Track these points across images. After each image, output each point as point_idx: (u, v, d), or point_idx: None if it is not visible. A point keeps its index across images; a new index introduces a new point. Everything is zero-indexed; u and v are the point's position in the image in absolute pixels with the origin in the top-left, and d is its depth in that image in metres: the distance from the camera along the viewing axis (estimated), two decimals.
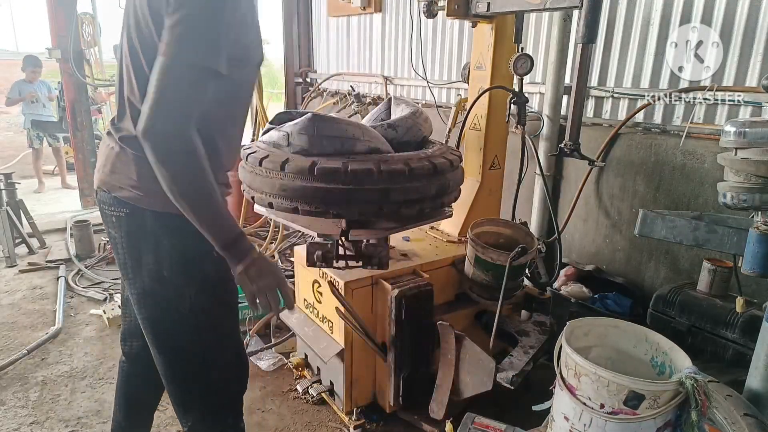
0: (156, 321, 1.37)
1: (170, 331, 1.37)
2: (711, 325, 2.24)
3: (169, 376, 1.43)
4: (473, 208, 2.65)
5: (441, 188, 1.95)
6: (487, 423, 1.85)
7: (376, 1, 4.79)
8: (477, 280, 2.30)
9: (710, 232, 1.72)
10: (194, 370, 1.41)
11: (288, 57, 6.16)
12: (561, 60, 3.10)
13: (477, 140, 2.64)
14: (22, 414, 2.42)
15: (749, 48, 2.45)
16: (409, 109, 2.18)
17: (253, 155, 1.91)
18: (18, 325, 3.20)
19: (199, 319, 1.36)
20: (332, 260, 2.03)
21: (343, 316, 2.09)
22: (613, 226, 3.10)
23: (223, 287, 1.40)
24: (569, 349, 1.50)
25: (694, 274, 2.52)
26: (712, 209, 2.45)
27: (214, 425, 1.48)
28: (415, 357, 2.20)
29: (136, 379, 1.74)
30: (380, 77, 4.89)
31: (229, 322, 1.48)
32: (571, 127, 2.27)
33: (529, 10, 2.18)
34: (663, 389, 1.37)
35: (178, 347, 1.39)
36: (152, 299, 1.35)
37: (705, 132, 2.61)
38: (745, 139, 1.55)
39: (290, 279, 3.41)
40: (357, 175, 1.76)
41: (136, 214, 1.31)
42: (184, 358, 1.40)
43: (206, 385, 1.44)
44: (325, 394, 2.47)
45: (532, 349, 2.26)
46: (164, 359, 1.41)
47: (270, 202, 1.90)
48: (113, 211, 1.33)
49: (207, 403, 1.46)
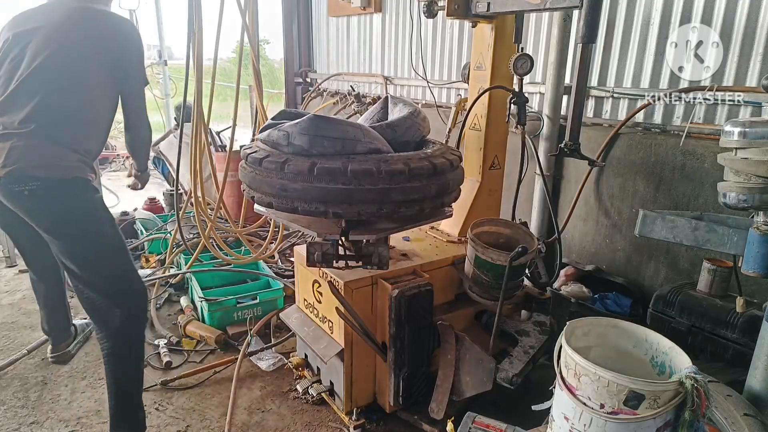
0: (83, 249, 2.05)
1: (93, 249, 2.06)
2: (711, 325, 2.24)
3: (96, 279, 2.05)
4: (473, 208, 2.65)
5: (441, 188, 1.96)
6: (488, 422, 1.84)
7: (376, 1, 4.79)
8: (477, 280, 2.30)
9: (710, 232, 1.72)
10: (114, 269, 2.09)
11: (288, 57, 6.16)
12: (561, 60, 3.10)
13: (477, 140, 2.64)
14: (22, 414, 2.42)
15: (749, 48, 2.45)
16: (407, 109, 2.18)
17: (253, 155, 1.92)
18: (18, 325, 3.20)
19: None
20: (332, 260, 2.03)
21: (343, 316, 2.09)
22: (613, 226, 3.10)
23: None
24: (569, 349, 1.50)
25: (694, 274, 2.52)
26: (712, 209, 2.45)
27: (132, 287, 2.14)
28: (414, 357, 2.20)
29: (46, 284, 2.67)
30: (380, 77, 4.90)
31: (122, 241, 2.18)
32: (571, 127, 2.27)
33: (529, 10, 2.18)
34: (663, 389, 1.37)
35: (100, 257, 2.06)
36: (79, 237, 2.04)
37: (705, 132, 2.61)
38: (745, 139, 1.55)
39: (290, 279, 3.42)
40: (357, 176, 1.76)
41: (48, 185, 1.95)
42: (107, 265, 2.07)
43: (122, 271, 2.12)
44: (325, 394, 2.47)
45: (532, 349, 2.27)
46: (92, 270, 2.04)
47: (270, 202, 1.90)
48: (23, 187, 1.92)
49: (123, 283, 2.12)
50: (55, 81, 2.02)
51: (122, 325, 2.07)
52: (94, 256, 2.04)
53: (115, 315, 2.05)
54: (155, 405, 2.49)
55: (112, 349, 2.08)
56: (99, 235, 2.05)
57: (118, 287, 2.09)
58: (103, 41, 2.11)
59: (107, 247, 2.07)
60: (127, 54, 2.19)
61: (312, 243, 2.02)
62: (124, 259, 2.13)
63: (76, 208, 2.02)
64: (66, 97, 2.03)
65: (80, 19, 2.10)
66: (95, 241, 2.04)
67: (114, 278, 2.08)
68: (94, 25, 2.12)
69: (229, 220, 3.84)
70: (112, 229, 2.10)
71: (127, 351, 2.11)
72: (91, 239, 2.04)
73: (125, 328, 2.09)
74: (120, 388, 2.10)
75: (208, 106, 3.27)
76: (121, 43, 2.16)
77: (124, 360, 2.11)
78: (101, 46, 2.11)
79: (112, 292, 2.07)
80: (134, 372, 2.15)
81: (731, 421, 1.51)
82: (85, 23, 2.10)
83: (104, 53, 2.11)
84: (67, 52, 2.05)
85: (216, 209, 3.74)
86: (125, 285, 2.11)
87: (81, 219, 2.03)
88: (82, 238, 2.02)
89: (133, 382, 2.15)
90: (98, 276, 2.05)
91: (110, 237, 2.08)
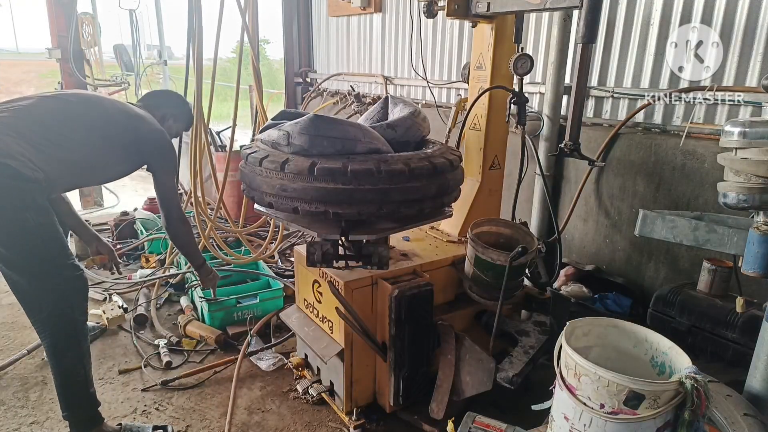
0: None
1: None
2: (711, 325, 2.24)
3: (18, 261, 2.00)
4: (473, 208, 2.65)
5: (441, 188, 1.95)
6: (488, 422, 1.85)
7: (376, 1, 4.79)
8: (477, 280, 2.30)
9: (710, 232, 1.72)
10: (47, 254, 2.02)
11: (288, 57, 6.16)
12: (561, 60, 3.10)
13: (477, 140, 2.64)
14: (22, 414, 2.42)
15: (749, 48, 2.45)
16: (408, 109, 2.18)
17: (253, 155, 1.91)
18: (18, 325, 3.20)
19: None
20: (332, 260, 2.03)
21: (343, 316, 2.09)
22: (613, 226, 3.10)
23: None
24: (569, 349, 1.50)
25: (694, 274, 2.52)
26: (712, 209, 2.45)
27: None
28: (414, 357, 2.20)
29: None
30: (380, 77, 4.90)
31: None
32: (571, 127, 2.27)
33: (529, 10, 2.18)
34: (663, 389, 1.37)
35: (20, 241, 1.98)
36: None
37: (705, 132, 2.61)
38: (745, 139, 1.55)
39: (290, 279, 3.42)
40: (357, 176, 1.76)
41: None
42: (28, 250, 1.99)
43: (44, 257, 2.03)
44: (325, 394, 2.47)
45: (532, 349, 2.27)
46: (12, 251, 1.99)
47: (270, 202, 1.90)
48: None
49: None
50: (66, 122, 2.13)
51: (52, 312, 2.05)
52: (15, 239, 1.99)
53: (44, 301, 2.04)
54: (155, 405, 2.49)
55: (48, 340, 2.08)
56: (20, 220, 1.98)
57: (42, 271, 2.04)
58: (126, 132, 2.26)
59: (29, 233, 2.00)
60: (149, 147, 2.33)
61: (312, 243, 2.02)
62: (49, 246, 2.05)
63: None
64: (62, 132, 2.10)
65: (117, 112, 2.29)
66: (17, 225, 1.98)
67: (36, 263, 2.03)
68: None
69: (229, 220, 3.84)
70: (40, 217, 2.02)
71: (63, 339, 2.09)
72: (9, 221, 1.97)
73: (55, 315, 2.06)
74: (61, 373, 2.11)
75: (208, 106, 3.27)
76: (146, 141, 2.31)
77: (63, 350, 2.09)
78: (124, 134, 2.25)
79: (35, 275, 2.03)
80: (76, 356, 2.12)
81: (731, 421, 1.51)
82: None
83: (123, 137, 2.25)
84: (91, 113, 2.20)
85: (216, 209, 3.75)
86: (52, 270, 2.05)
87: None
88: (3, 219, 1.97)
89: (77, 363, 2.12)
90: (20, 258, 2.01)
91: (33, 223, 2.00)
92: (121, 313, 3.19)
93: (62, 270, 2.07)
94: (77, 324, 2.12)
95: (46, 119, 2.10)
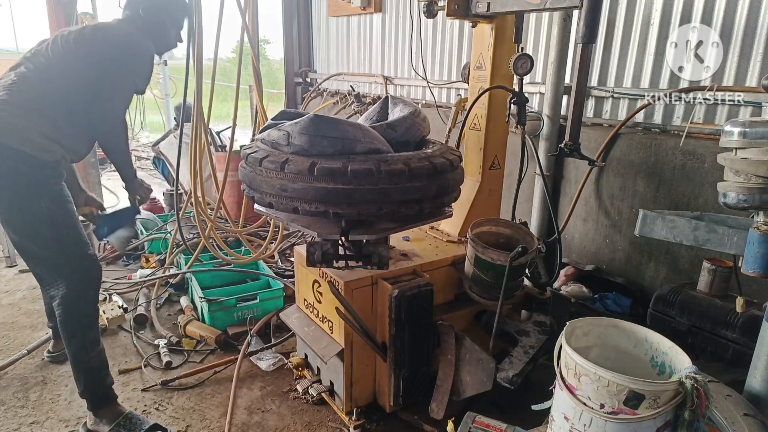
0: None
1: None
2: (711, 325, 2.24)
3: (42, 253, 2.11)
4: (473, 208, 2.65)
5: (441, 188, 1.95)
6: (488, 422, 1.84)
7: (376, 1, 4.79)
8: (477, 280, 2.30)
9: (710, 232, 1.72)
10: (60, 243, 2.11)
11: (288, 57, 6.16)
12: (561, 60, 3.10)
13: (477, 140, 2.64)
14: (22, 414, 2.42)
15: (749, 48, 2.45)
16: (408, 109, 2.18)
17: (253, 155, 1.91)
18: (18, 325, 3.20)
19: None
20: (332, 260, 2.03)
21: (343, 316, 2.09)
22: (613, 226, 3.10)
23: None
24: (569, 349, 1.50)
25: (694, 274, 2.52)
26: (712, 209, 2.45)
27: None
28: (414, 357, 2.20)
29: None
30: (380, 77, 4.90)
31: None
32: (571, 127, 2.27)
33: (529, 10, 2.18)
34: (663, 389, 1.37)
35: (35, 228, 2.07)
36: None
37: (705, 132, 2.61)
38: (745, 139, 1.55)
39: (290, 279, 3.42)
40: (357, 175, 1.76)
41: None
42: (42, 237, 2.07)
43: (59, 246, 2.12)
44: (325, 394, 2.47)
45: (532, 349, 2.26)
46: (29, 239, 2.09)
47: (270, 202, 1.90)
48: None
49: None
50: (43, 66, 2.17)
51: (65, 298, 2.14)
52: (30, 227, 2.07)
53: (58, 288, 2.15)
54: (155, 405, 2.49)
55: (61, 324, 2.17)
56: (35, 207, 2.05)
57: (57, 261, 2.13)
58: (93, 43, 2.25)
59: (43, 220, 2.07)
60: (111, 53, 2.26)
61: (312, 243, 2.02)
62: (62, 234, 2.11)
63: (12, 176, 2.02)
64: (45, 78, 2.14)
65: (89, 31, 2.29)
66: (30, 212, 2.05)
67: (52, 251, 2.12)
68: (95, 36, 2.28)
69: (229, 220, 3.84)
70: (53, 204, 2.08)
71: (77, 325, 2.18)
72: (25, 209, 2.05)
73: (68, 302, 2.15)
74: (70, 355, 2.21)
75: (208, 106, 3.27)
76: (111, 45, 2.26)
77: (69, 336, 2.18)
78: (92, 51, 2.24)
79: (51, 264, 2.14)
80: (80, 344, 2.20)
81: (731, 421, 1.51)
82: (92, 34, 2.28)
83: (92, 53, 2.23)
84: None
85: (216, 209, 3.75)
86: (63, 259, 2.13)
87: (13, 187, 2.03)
88: (18, 206, 2.04)
89: (80, 350, 2.20)
90: (36, 246, 2.11)
91: (46, 210, 2.06)
92: (121, 313, 3.19)
93: (75, 260, 2.14)
94: (82, 314, 2.19)
95: (43, 85, 2.13)
